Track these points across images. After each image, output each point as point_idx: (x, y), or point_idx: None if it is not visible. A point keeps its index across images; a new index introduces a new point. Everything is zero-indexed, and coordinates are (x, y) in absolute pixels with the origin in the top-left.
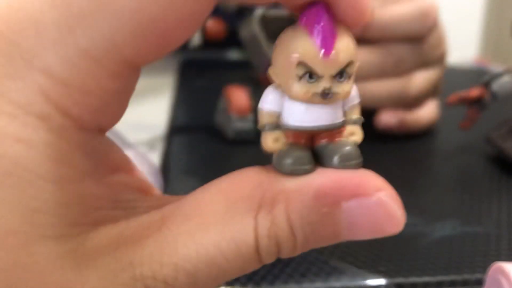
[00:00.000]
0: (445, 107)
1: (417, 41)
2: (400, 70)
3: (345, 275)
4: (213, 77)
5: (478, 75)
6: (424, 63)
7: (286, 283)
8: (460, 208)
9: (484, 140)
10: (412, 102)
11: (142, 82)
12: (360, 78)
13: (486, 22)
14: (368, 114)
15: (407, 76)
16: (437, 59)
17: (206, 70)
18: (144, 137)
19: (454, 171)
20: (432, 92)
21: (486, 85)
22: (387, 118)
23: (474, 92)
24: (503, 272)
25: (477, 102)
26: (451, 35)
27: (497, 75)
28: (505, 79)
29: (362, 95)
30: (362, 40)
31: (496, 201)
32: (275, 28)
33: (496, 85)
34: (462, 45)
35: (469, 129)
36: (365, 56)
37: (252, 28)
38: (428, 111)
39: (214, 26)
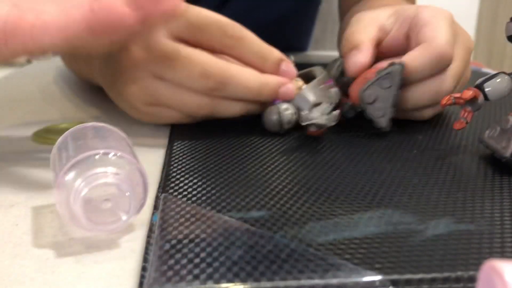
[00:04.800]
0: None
1: None
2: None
3: (342, 271)
4: None
5: (472, 77)
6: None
7: (285, 280)
8: (454, 207)
9: (477, 140)
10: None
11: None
12: (414, 81)
13: (480, 27)
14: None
15: (444, 72)
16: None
17: None
18: (147, 139)
19: (448, 170)
20: (456, 85)
21: (479, 86)
22: None
23: (468, 93)
24: (496, 270)
25: (470, 103)
26: None
27: (490, 77)
28: (497, 80)
29: (408, 99)
30: None
31: (489, 200)
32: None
33: (489, 86)
34: None
35: (462, 129)
36: (416, 59)
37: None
38: None
39: None
